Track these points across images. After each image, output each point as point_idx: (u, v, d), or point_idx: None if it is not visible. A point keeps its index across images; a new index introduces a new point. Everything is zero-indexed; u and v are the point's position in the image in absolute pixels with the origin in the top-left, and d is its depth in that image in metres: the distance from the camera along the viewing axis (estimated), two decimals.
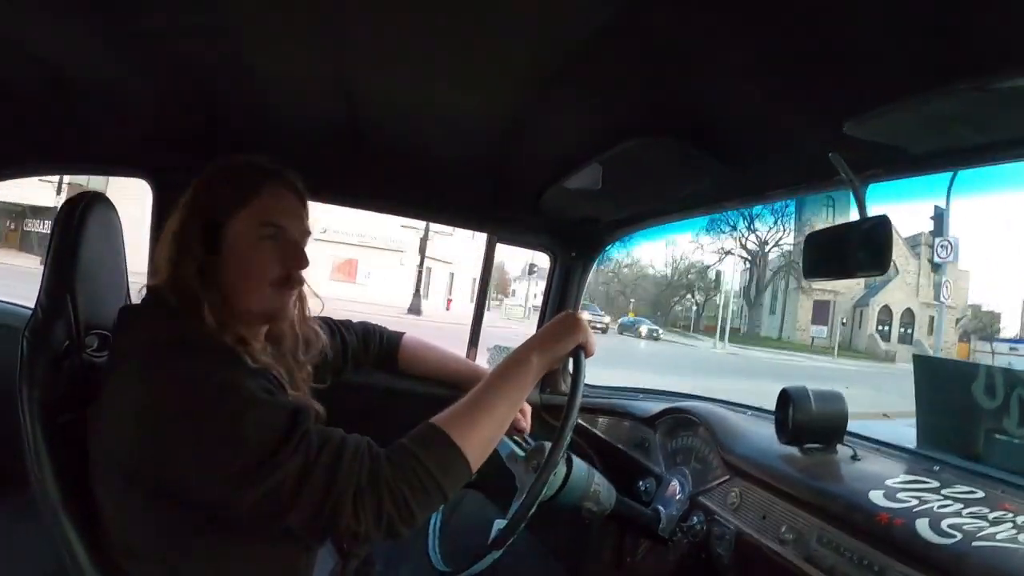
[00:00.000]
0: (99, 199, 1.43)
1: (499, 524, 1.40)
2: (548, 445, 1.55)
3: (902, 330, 46.41)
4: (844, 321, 46.30)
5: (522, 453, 1.66)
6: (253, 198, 1.30)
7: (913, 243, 46.24)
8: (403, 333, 1.96)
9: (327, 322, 1.81)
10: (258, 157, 1.36)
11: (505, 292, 56.90)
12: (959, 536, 1.15)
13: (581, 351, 1.42)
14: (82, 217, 1.37)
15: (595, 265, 2.72)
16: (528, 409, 1.77)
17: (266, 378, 1.27)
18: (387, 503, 1.13)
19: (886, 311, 46.36)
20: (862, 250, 1.39)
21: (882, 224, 1.37)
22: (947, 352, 46.10)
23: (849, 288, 47.86)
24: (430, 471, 1.18)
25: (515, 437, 1.73)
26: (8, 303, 2.44)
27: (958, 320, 44.68)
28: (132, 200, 2.41)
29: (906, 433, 2.02)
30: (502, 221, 2.57)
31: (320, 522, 1.12)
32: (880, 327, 46.25)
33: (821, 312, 46.27)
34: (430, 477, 1.18)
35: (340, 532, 1.14)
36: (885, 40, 1.01)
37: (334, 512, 1.11)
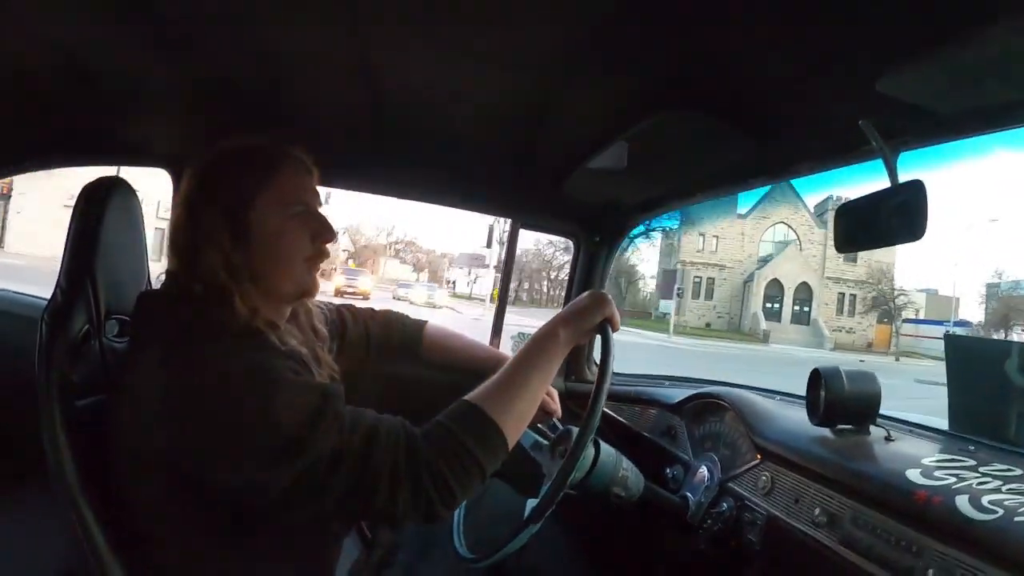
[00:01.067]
0: (120, 184, 1.43)
1: (531, 503, 1.38)
2: (575, 430, 1.54)
3: (796, 307, 43.65)
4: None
5: (546, 442, 1.66)
6: (274, 178, 1.30)
7: (820, 210, 43.72)
8: (426, 321, 1.94)
9: (350, 309, 1.83)
10: (259, 139, 1.35)
11: (437, 279, 56.46)
12: (1000, 512, 1.12)
13: (608, 325, 1.40)
14: (103, 202, 1.37)
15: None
16: (555, 393, 1.75)
17: (295, 359, 1.26)
18: (426, 481, 1.13)
19: (775, 285, 43.37)
20: (896, 217, 1.37)
21: (917, 190, 1.34)
22: (860, 336, 44.37)
23: (741, 262, 45.15)
24: (468, 448, 1.17)
25: (539, 425, 1.73)
26: (27, 295, 2.46)
27: (866, 298, 43.02)
28: None
29: None
30: (525, 206, 2.57)
31: (355, 504, 1.12)
32: (769, 304, 43.49)
33: (667, 282, 41.93)
34: (468, 454, 1.17)
35: (375, 514, 1.14)
36: None
37: (370, 493, 1.10)
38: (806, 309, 43.77)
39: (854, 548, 1.30)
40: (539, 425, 1.72)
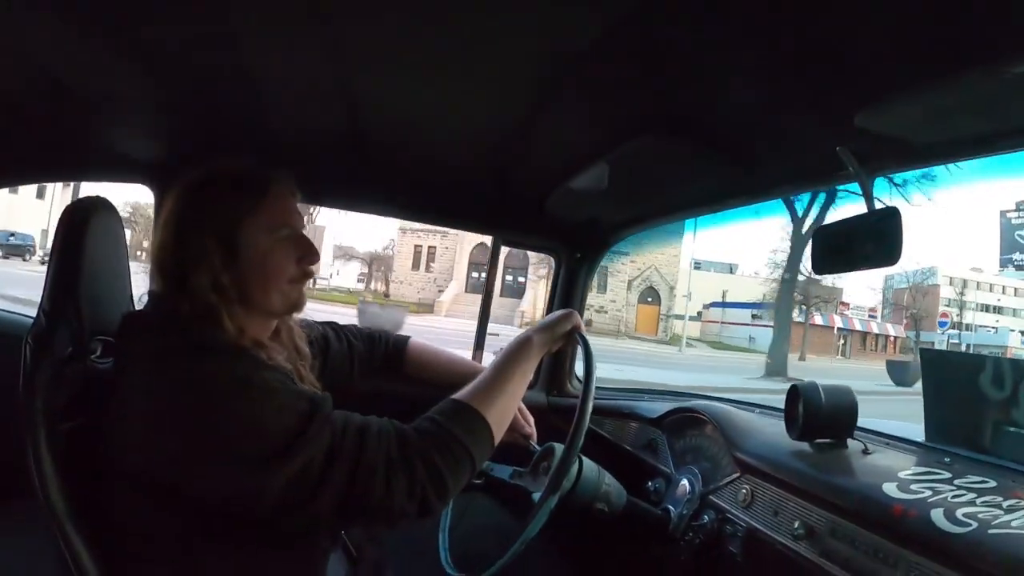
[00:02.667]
0: (102, 204, 1.42)
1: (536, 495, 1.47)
2: (557, 446, 1.56)
3: (509, 278, 38.41)
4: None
5: (524, 469, 1.69)
6: (262, 202, 1.31)
7: None
8: (409, 337, 1.97)
9: (332, 327, 1.84)
10: (245, 160, 1.37)
11: None
12: (975, 524, 1.15)
13: (578, 332, 1.54)
14: (85, 222, 1.35)
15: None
16: (531, 418, 1.81)
17: (281, 372, 1.28)
18: (419, 471, 1.16)
19: (481, 250, 36.99)
20: (871, 242, 1.40)
21: (891, 216, 1.38)
22: (613, 317, 38.81)
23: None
24: (458, 437, 1.23)
25: (521, 442, 1.76)
26: (9, 312, 2.43)
27: (631, 281, 39.95)
28: None
29: None
30: (507, 224, 2.58)
31: (352, 500, 1.13)
32: (475, 273, 39.21)
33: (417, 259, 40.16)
34: (458, 443, 1.22)
35: (372, 511, 1.15)
36: (895, 30, 1.00)
37: (366, 487, 1.13)
38: (520, 280, 38.35)
39: (833, 560, 1.32)
40: (521, 442, 1.75)
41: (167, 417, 1.11)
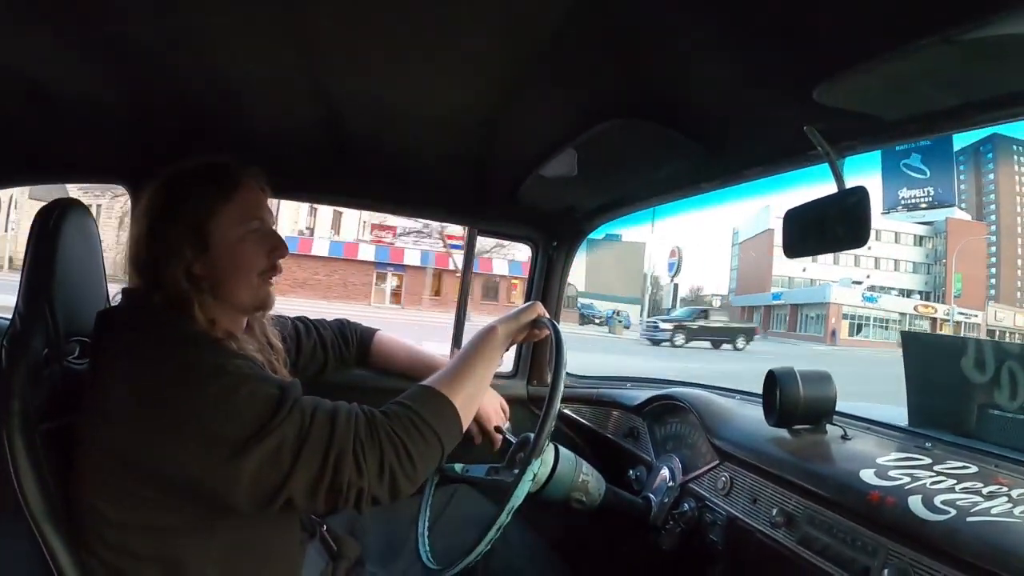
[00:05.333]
0: (74, 206, 1.42)
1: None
2: (532, 436, 1.55)
3: None
4: None
5: (500, 464, 1.69)
6: (234, 195, 1.35)
7: None
8: (377, 330, 2.04)
9: (303, 320, 1.90)
10: (219, 156, 1.40)
11: None
12: (953, 512, 1.14)
13: (545, 318, 1.60)
14: (57, 224, 1.36)
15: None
16: (506, 408, 1.88)
17: (253, 360, 1.31)
18: (388, 451, 1.20)
19: None
20: (840, 224, 1.39)
21: (859, 196, 1.36)
22: None
23: None
24: (424, 418, 1.27)
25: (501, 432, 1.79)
26: None
27: None
28: None
29: None
30: (483, 214, 2.57)
31: (324, 481, 1.15)
32: None
33: None
34: (426, 424, 1.26)
35: (343, 493, 1.17)
36: (846, 2, 0.99)
37: (337, 466, 1.15)
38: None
39: (811, 548, 1.32)
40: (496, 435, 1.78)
41: (139, 403, 1.14)
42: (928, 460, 1.41)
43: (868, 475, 1.33)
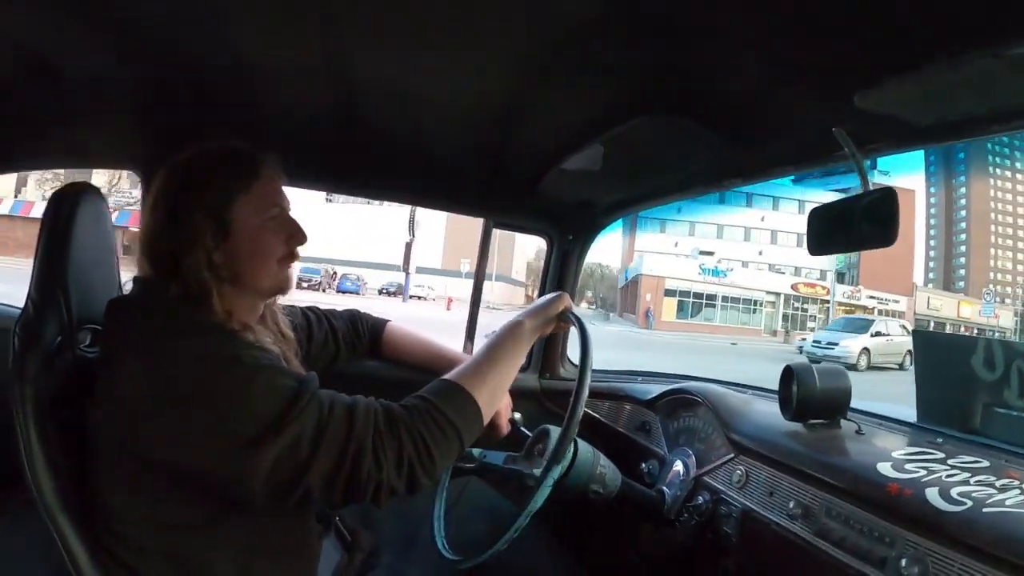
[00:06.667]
0: (89, 190, 1.40)
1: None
2: (552, 428, 1.56)
3: None
4: None
5: (518, 454, 1.69)
6: (255, 182, 1.33)
7: None
8: (388, 320, 2.02)
9: (314, 311, 1.87)
10: (234, 142, 1.37)
11: None
12: (970, 503, 1.16)
13: (571, 312, 1.54)
14: (72, 209, 1.34)
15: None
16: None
17: (269, 352, 1.29)
18: (407, 444, 1.18)
19: None
20: (866, 222, 1.40)
21: (887, 196, 1.38)
22: None
23: None
24: (445, 413, 1.24)
25: (513, 421, 1.77)
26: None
27: None
28: None
29: None
30: (499, 207, 2.56)
31: (341, 476, 1.14)
32: None
33: None
34: (446, 419, 1.24)
35: (362, 487, 1.15)
36: (896, 9, 1.00)
37: (356, 459, 1.14)
38: None
39: (828, 539, 1.34)
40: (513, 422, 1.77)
41: (155, 395, 1.11)
42: (941, 454, 1.43)
43: (885, 468, 1.35)
